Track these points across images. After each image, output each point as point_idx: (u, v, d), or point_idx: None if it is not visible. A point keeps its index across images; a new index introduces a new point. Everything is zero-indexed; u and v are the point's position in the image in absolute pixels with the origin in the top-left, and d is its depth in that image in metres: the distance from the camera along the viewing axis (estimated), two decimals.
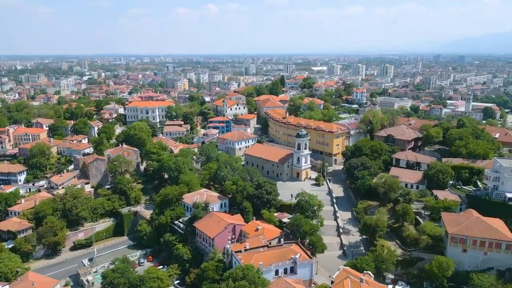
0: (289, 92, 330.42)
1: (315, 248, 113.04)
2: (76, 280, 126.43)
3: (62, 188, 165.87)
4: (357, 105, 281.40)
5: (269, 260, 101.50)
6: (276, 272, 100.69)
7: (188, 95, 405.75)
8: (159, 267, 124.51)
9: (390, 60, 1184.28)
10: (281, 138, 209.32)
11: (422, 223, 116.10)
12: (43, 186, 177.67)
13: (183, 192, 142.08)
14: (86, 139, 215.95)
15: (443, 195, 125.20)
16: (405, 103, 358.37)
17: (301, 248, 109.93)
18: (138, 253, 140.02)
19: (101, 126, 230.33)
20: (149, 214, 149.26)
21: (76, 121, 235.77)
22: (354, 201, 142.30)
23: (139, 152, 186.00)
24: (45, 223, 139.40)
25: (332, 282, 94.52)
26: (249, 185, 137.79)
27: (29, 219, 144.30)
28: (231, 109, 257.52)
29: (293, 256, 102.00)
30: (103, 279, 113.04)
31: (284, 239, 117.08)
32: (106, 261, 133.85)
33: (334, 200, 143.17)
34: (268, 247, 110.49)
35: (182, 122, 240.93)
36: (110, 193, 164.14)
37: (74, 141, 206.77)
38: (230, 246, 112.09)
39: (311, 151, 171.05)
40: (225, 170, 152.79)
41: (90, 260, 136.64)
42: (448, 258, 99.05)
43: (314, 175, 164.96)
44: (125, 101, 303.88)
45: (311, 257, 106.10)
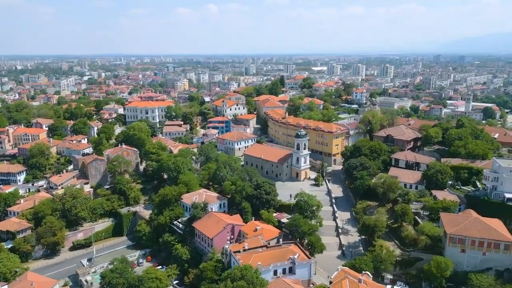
0: (288, 92, 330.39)
1: (313, 248, 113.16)
2: (75, 280, 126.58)
3: (61, 188, 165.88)
4: (356, 105, 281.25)
5: (267, 260, 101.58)
6: (275, 272, 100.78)
7: (188, 95, 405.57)
8: (158, 267, 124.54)
9: (390, 60, 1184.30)
10: (280, 138, 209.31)
11: (421, 223, 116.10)
12: (43, 186, 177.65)
13: (182, 192, 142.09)
14: (85, 139, 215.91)
15: (442, 195, 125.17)
16: (405, 103, 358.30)
17: (300, 248, 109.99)
18: (137, 253, 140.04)
19: (100, 126, 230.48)
20: (148, 214, 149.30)
21: (76, 121, 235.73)
22: (353, 201, 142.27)
23: (138, 152, 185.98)
24: (44, 223, 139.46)
25: (330, 283, 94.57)
26: (248, 185, 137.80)
27: (28, 219, 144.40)
28: (230, 109, 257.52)
29: (292, 256, 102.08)
30: (102, 279, 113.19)
31: (283, 239, 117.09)
32: (105, 261, 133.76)
33: (333, 200, 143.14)
34: (267, 247, 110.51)
35: (182, 122, 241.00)
36: (109, 193, 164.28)
37: (74, 141, 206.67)
38: (229, 246, 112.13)
39: (311, 151, 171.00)
40: (224, 170, 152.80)
41: (89, 260, 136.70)
42: (446, 258, 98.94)
43: (313, 175, 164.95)
44: (125, 101, 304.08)
45: (310, 257, 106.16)
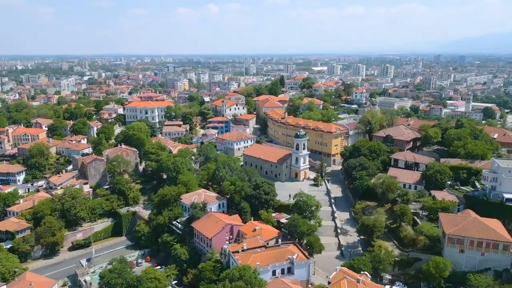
0: (288, 92, 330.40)
1: (312, 248, 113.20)
2: (74, 280, 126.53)
3: (60, 188, 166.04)
4: (356, 106, 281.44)
5: (266, 261, 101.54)
6: (273, 273, 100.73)
7: (188, 95, 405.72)
8: (157, 267, 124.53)
9: (390, 60, 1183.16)
10: (280, 139, 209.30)
11: (419, 224, 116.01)
12: (42, 186, 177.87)
13: (181, 192, 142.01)
14: (85, 139, 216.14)
15: (441, 195, 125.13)
16: (405, 103, 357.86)
17: (299, 248, 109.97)
18: (136, 253, 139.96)
19: (100, 126, 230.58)
20: (147, 214, 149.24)
21: (75, 121, 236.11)
22: (352, 202, 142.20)
23: (137, 152, 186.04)
24: (44, 223, 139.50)
25: (329, 283, 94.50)
26: (247, 186, 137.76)
27: (27, 219, 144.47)
28: (230, 109, 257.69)
29: (290, 257, 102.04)
30: (101, 279, 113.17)
31: (282, 239, 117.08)
32: (104, 261, 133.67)
33: (332, 200, 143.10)
34: (266, 247, 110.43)
35: (181, 122, 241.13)
36: (109, 193, 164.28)
37: (73, 141, 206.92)
38: (228, 246, 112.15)
39: (310, 152, 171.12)
40: (223, 171, 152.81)
41: (88, 260, 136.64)
42: (445, 258, 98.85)
43: (312, 175, 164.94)
44: (125, 101, 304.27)
45: (309, 258, 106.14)
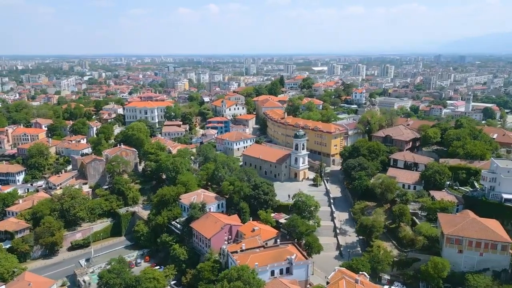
0: (288, 92, 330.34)
1: (311, 248, 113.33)
2: (73, 281, 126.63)
3: (60, 188, 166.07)
4: (356, 106, 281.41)
5: (265, 261, 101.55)
6: (272, 273, 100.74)
7: (187, 95, 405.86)
8: (156, 267, 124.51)
9: (390, 60, 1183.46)
10: (279, 139, 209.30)
11: (418, 224, 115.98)
12: (41, 187, 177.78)
13: (180, 192, 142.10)
14: (84, 139, 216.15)
15: (440, 195, 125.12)
16: (405, 103, 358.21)
17: (297, 248, 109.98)
18: (135, 253, 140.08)
19: (99, 126, 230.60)
20: (146, 214, 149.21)
21: (75, 121, 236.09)
22: (351, 202, 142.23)
23: (137, 152, 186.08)
24: (43, 223, 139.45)
25: (327, 283, 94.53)
26: (246, 186, 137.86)
27: (26, 219, 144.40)
28: (230, 109, 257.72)
29: (289, 257, 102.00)
30: (99, 279, 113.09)
31: (281, 239, 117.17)
32: (103, 261, 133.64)
33: (332, 200, 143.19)
34: (264, 247, 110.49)
35: (181, 123, 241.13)
36: (108, 193, 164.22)
37: (73, 141, 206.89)
38: (226, 246, 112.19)
39: (309, 152, 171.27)
40: (222, 171, 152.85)
41: (87, 260, 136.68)
42: (444, 259, 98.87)
43: (312, 175, 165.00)
44: (125, 101, 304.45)
45: (307, 258, 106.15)
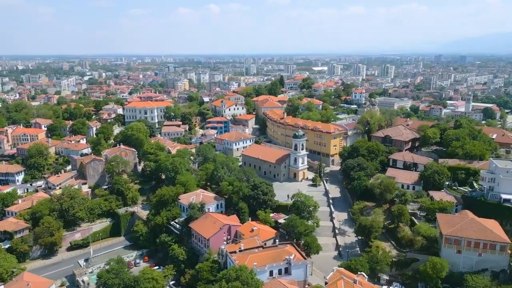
0: (288, 92, 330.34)
1: (310, 249, 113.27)
2: (72, 281, 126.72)
3: (59, 188, 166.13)
4: (356, 106, 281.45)
5: (263, 261, 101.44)
6: (271, 273, 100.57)
7: (187, 95, 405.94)
8: (155, 267, 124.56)
9: (391, 60, 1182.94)
10: (279, 139, 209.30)
11: (417, 224, 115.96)
12: (41, 187, 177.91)
13: (179, 192, 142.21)
14: (84, 139, 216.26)
15: (439, 196, 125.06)
16: (405, 103, 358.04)
17: (296, 249, 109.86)
18: (134, 253, 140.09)
19: (99, 126, 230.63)
20: (146, 214, 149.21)
21: (75, 121, 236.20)
22: (350, 202, 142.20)
23: (136, 152, 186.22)
24: (42, 223, 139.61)
25: (326, 283, 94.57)
26: (245, 186, 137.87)
27: (26, 220, 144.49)
28: (229, 109, 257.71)
29: (288, 257, 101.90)
30: (98, 279, 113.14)
31: (280, 240, 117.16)
32: (102, 261, 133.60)
33: (331, 201, 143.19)
34: (263, 248, 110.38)
35: (181, 123, 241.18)
36: (107, 193, 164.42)
37: (72, 142, 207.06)
38: (225, 247, 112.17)
39: (309, 152, 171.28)
40: (221, 171, 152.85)
41: (86, 260, 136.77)
42: (442, 259, 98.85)
43: (311, 175, 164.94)
44: (125, 102, 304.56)
45: (306, 258, 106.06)
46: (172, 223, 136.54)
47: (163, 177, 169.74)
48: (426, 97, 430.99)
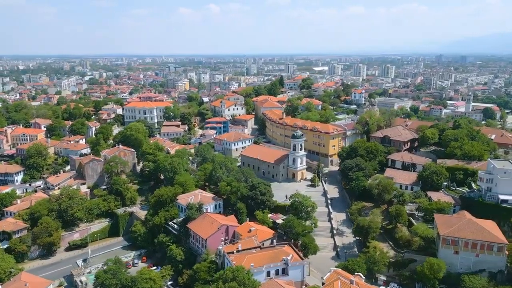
0: (287, 92, 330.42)
1: (307, 249, 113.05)
2: (70, 281, 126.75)
3: (58, 188, 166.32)
4: (355, 106, 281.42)
5: (261, 261, 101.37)
6: (268, 274, 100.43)
7: (187, 95, 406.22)
8: (153, 268, 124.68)
9: (391, 60, 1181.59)
10: (278, 139, 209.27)
11: (415, 225, 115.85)
12: (40, 187, 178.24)
13: (177, 193, 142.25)
14: (83, 139, 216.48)
15: (437, 196, 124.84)
16: (405, 103, 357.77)
17: (294, 249, 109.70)
18: (133, 253, 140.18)
19: (98, 126, 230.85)
20: (144, 214, 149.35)
21: (74, 121, 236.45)
22: (349, 202, 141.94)
23: (135, 152, 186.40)
24: (40, 223, 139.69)
25: (323, 284, 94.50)
26: (243, 186, 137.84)
27: (24, 220, 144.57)
28: (229, 109, 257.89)
29: (285, 258, 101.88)
30: (95, 279, 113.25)
31: (277, 240, 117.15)
32: (100, 261, 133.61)
33: (329, 201, 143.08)
34: (261, 248, 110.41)
35: (180, 123, 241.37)
36: (106, 193, 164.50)
37: (72, 142, 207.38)
38: (223, 247, 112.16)
39: (308, 152, 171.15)
40: (220, 171, 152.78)
41: (84, 260, 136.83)
42: (439, 260, 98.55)
43: (310, 176, 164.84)
44: (125, 102, 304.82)
45: (303, 259, 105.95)
46: (170, 223, 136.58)
47: (162, 177, 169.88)
48: (426, 97, 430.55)
